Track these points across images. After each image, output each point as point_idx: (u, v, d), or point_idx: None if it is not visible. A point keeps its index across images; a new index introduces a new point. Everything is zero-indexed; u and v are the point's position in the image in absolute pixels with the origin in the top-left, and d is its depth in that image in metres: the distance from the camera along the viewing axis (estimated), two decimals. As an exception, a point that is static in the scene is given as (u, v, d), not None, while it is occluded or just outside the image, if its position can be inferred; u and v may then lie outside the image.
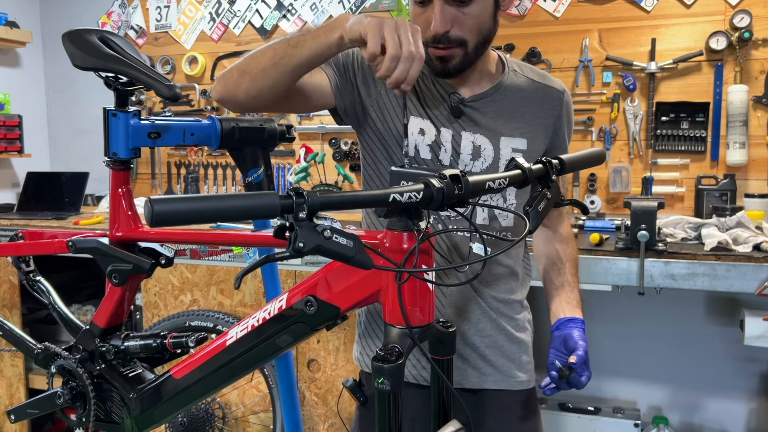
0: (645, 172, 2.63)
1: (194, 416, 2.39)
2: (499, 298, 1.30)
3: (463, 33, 1.15)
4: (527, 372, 1.33)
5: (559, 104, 1.31)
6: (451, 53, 1.16)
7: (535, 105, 1.29)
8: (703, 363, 2.58)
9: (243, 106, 1.17)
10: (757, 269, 1.84)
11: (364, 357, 1.36)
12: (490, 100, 1.25)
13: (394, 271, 0.89)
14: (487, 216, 1.27)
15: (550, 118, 1.30)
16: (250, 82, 1.12)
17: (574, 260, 1.38)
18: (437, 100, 1.25)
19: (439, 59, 1.18)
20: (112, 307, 1.36)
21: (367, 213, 1.36)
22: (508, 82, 1.28)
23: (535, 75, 1.32)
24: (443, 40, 1.14)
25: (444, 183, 0.80)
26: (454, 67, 1.19)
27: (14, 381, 2.86)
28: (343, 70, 1.25)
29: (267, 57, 1.10)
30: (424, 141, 1.23)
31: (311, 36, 1.06)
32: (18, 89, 3.50)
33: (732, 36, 2.46)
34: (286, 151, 3.15)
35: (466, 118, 1.24)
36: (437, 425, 0.97)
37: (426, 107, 1.25)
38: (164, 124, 1.33)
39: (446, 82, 1.25)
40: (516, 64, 1.33)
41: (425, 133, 1.23)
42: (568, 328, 1.23)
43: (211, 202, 0.69)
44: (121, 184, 1.36)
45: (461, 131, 1.24)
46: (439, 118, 1.24)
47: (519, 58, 2.75)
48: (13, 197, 3.47)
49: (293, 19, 3.12)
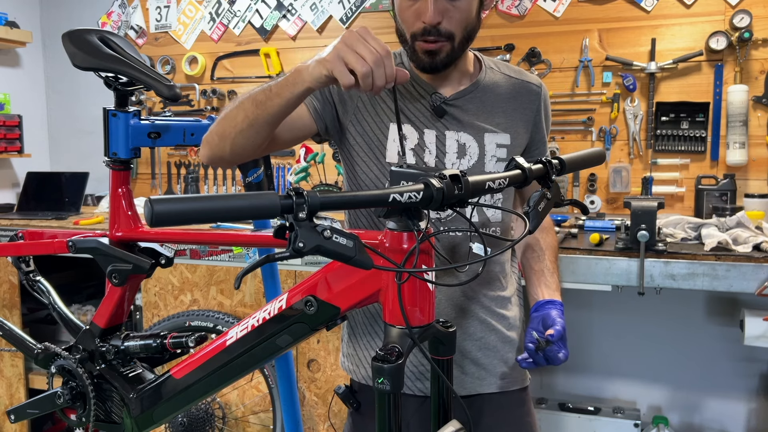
0: (645, 172, 2.63)
1: (194, 416, 2.38)
2: (489, 296, 1.30)
3: (452, 27, 1.16)
4: (521, 370, 1.34)
5: (537, 98, 1.32)
6: (440, 46, 1.17)
7: (515, 100, 1.30)
8: (703, 363, 2.58)
9: (232, 163, 1.22)
10: (757, 269, 1.84)
11: (354, 365, 1.36)
12: (471, 97, 1.27)
13: (394, 271, 0.89)
14: (476, 212, 1.27)
15: (530, 113, 1.31)
16: (231, 144, 1.14)
17: (553, 249, 1.38)
18: (418, 103, 1.26)
19: (427, 53, 1.19)
20: (112, 307, 1.36)
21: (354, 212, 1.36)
22: (486, 79, 1.29)
23: (511, 71, 1.33)
24: (433, 32, 1.15)
25: (444, 183, 0.80)
26: (441, 61, 1.20)
27: (14, 381, 2.86)
28: (319, 93, 1.26)
29: (240, 119, 1.11)
30: (407, 146, 1.25)
31: (276, 93, 1.06)
32: (18, 89, 3.50)
33: (732, 36, 2.46)
34: (286, 151, 3.15)
35: (449, 117, 1.25)
36: (437, 425, 0.97)
37: (406, 112, 1.26)
38: (164, 124, 1.33)
39: (427, 83, 1.26)
40: (492, 62, 1.34)
41: (407, 138, 1.25)
42: (546, 309, 1.23)
43: (211, 202, 0.69)
44: (121, 184, 1.36)
45: (445, 131, 1.25)
46: (421, 120, 1.26)
47: (519, 58, 2.76)
48: (13, 197, 3.47)
49: (293, 19, 3.12)
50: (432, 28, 1.14)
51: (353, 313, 1.35)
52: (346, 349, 1.39)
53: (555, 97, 2.72)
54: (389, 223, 0.91)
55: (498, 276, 1.32)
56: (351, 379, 1.39)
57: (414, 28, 1.16)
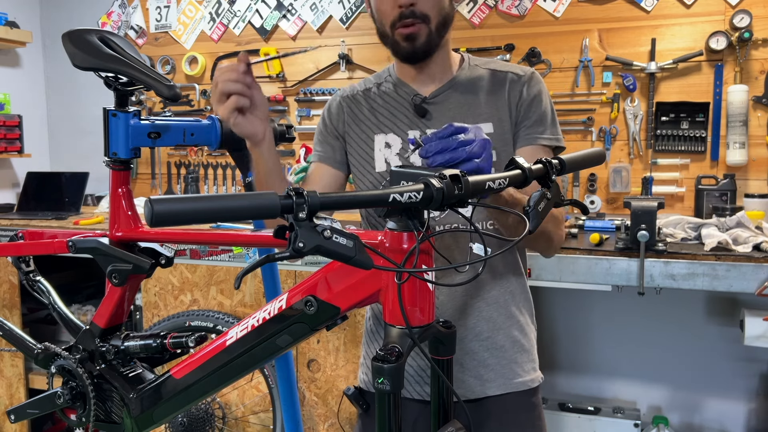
0: (645, 172, 2.63)
1: (194, 416, 2.39)
2: (495, 296, 1.29)
3: (426, 9, 1.21)
4: (529, 371, 1.32)
5: (519, 84, 1.29)
6: (418, 29, 1.22)
7: (496, 90, 1.29)
8: (703, 363, 2.58)
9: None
10: (757, 269, 1.84)
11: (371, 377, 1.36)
12: (451, 92, 1.30)
13: (394, 271, 0.89)
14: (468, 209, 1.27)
15: (513, 99, 1.28)
16: None
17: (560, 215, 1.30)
18: (401, 107, 1.31)
19: (406, 39, 1.23)
20: (112, 307, 1.36)
21: (368, 214, 1.37)
22: (465, 75, 1.31)
23: (499, 66, 1.34)
24: (409, 15, 1.20)
25: (444, 183, 0.80)
26: (422, 46, 1.23)
27: (14, 381, 2.86)
28: (319, 145, 1.39)
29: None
30: (392, 152, 1.29)
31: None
32: (18, 89, 3.50)
33: (732, 36, 2.46)
34: (286, 151, 3.15)
35: (430, 115, 1.28)
36: (437, 426, 0.97)
37: (387, 121, 1.31)
38: (164, 124, 1.33)
39: (409, 86, 1.31)
40: (480, 61, 1.35)
41: (391, 146, 1.30)
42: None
43: (211, 202, 0.69)
44: (121, 184, 1.36)
45: (427, 130, 1.28)
46: (404, 123, 1.30)
47: (519, 58, 2.76)
48: (13, 197, 3.47)
49: (293, 19, 3.12)
50: (407, 10, 1.20)
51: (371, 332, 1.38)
52: (364, 360, 1.41)
53: (555, 97, 2.72)
54: (389, 223, 0.91)
55: (501, 275, 1.31)
56: (361, 391, 1.38)
57: (391, 16, 1.22)
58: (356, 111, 1.35)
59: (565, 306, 2.71)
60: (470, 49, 2.80)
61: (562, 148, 1.30)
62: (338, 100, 1.39)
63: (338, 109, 1.37)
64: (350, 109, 1.36)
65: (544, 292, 2.68)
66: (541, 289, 2.60)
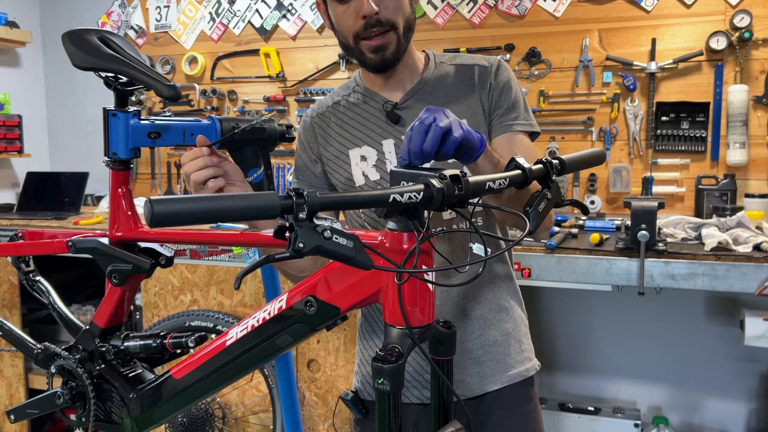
0: (645, 172, 2.63)
1: (194, 416, 2.39)
2: (485, 293, 1.29)
3: (391, 15, 1.18)
4: (523, 361, 1.32)
5: (486, 74, 1.28)
6: (386, 39, 1.20)
7: (465, 85, 1.29)
8: (703, 363, 2.58)
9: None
10: (757, 269, 1.84)
11: (365, 386, 1.36)
12: (421, 95, 1.28)
13: (394, 271, 0.89)
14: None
15: (483, 90, 1.28)
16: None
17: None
18: (373, 117, 1.29)
19: (375, 50, 1.20)
20: (112, 307, 1.35)
21: (351, 214, 1.37)
22: (433, 74, 1.30)
23: (464, 59, 1.33)
24: (375, 24, 1.18)
25: (444, 183, 0.80)
26: (391, 55, 1.21)
27: (14, 381, 2.85)
28: (300, 173, 1.38)
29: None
30: (368, 165, 1.28)
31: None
32: (18, 89, 3.50)
33: (732, 36, 2.46)
34: (286, 151, 3.15)
35: (403, 121, 1.27)
36: (437, 426, 0.97)
37: (359, 134, 1.30)
38: (164, 124, 1.32)
39: (379, 95, 1.30)
40: (446, 57, 1.34)
41: (367, 158, 1.28)
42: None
43: (211, 202, 0.69)
44: (121, 184, 1.36)
45: (401, 135, 1.26)
46: (378, 133, 1.28)
47: (519, 58, 2.76)
48: (13, 197, 3.47)
49: (293, 18, 3.12)
50: (373, 19, 1.17)
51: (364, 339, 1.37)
52: (358, 368, 1.40)
53: (555, 97, 2.72)
54: (389, 223, 0.91)
55: (493, 267, 1.31)
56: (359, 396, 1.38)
57: (355, 27, 1.19)
58: (327, 129, 1.34)
59: (565, 306, 2.71)
60: (470, 49, 2.80)
61: (538, 133, 1.30)
62: (308, 121, 1.38)
63: (311, 131, 1.37)
64: (321, 129, 1.35)
65: (544, 292, 2.68)
66: (541, 289, 2.60)
